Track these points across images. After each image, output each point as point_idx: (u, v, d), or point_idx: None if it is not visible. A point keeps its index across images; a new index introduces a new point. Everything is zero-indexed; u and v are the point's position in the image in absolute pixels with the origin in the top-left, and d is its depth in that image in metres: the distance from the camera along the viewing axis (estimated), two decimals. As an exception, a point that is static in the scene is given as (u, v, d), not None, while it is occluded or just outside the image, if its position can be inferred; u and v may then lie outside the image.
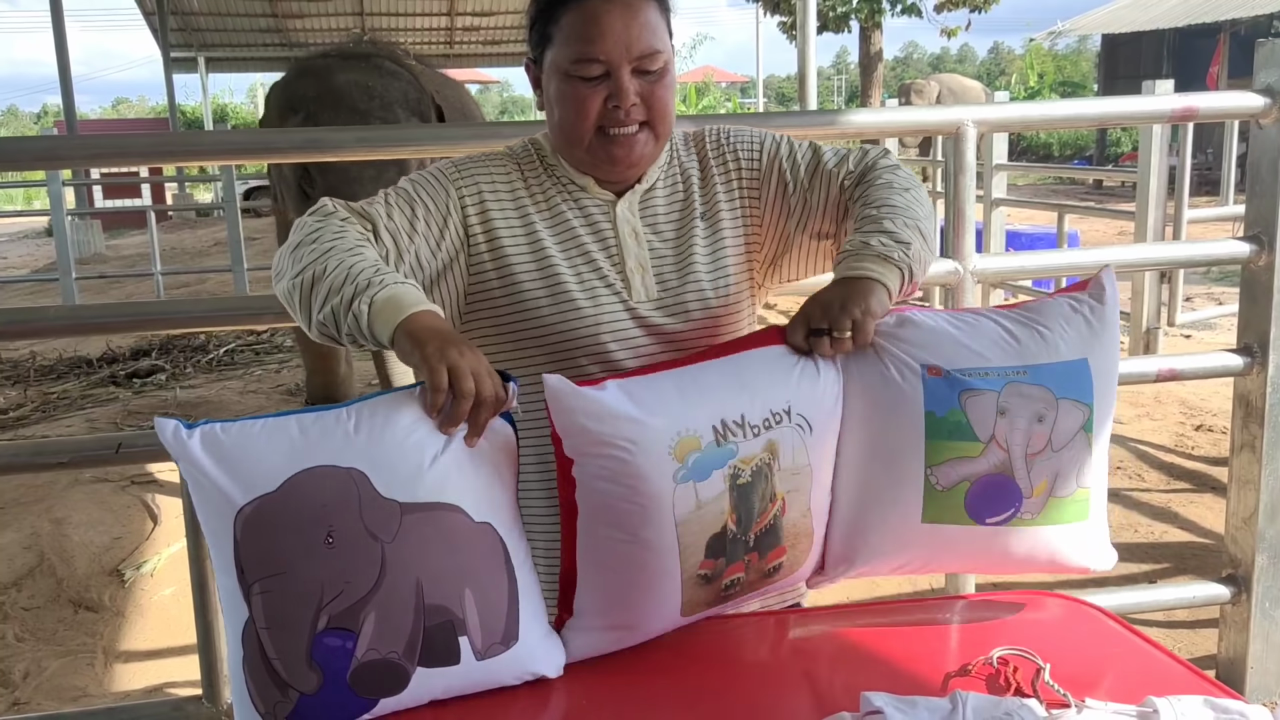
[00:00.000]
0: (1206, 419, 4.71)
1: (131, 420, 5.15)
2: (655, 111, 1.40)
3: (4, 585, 3.29)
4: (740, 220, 1.53)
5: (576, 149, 1.43)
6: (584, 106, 1.38)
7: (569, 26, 1.37)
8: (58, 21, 11.41)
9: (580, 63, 1.37)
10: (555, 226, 1.46)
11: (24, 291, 10.51)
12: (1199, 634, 2.97)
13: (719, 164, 1.54)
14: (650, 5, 1.39)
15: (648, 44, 1.37)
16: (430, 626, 1.16)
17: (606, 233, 1.47)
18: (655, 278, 1.47)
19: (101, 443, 1.98)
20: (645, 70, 1.38)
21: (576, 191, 1.48)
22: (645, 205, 1.50)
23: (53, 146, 1.92)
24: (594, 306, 1.43)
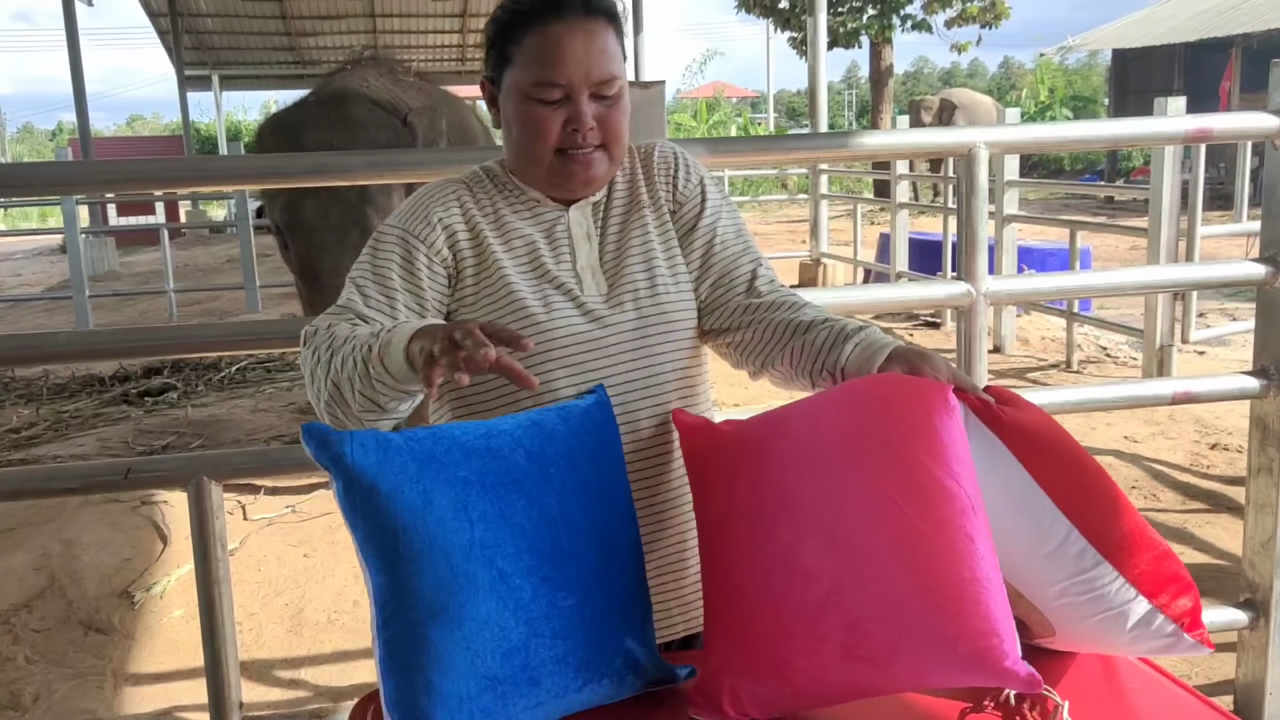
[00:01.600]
0: (1222, 437, 4.66)
1: (143, 439, 5.16)
2: (610, 134, 1.44)
3: (15, 607, 3.29)
4: (674, 223, 1.57)
5: (536, 169, 1.46)
6: (543, 129, 1.41)
7: (530, 49, 1.40)
8: (73, 40, 11.50)
9: (540, 86, 1.40)
10: (507, 240, 1.49)
11: (38, 309, 10.56)
12: (1217, 659, 2.93)
13: (663, 165, 1.58)
14: (608, 31, 1.43)
15: (606, 70, 1.41)
16: None
17: (560, 235, 1.51)
18: (605, 274, 1.50)
19: (111, 468, 1.98)
20: (602, 95, 1.42)
21: (530, 202, 1.52)
22: (596, 213, 1.54)
23: (65, 172, 1.92)
24: (548, 312, 1.45)
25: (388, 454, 1.19)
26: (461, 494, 1.19)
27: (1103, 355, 6.52)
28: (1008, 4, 18.20)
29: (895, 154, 2.60)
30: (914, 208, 8.71)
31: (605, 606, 1.27)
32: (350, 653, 3.12)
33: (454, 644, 1.15)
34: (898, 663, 1.16)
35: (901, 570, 1.16)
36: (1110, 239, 11.95)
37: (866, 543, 1.18)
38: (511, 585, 1.19)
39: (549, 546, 1.23)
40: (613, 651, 1.27)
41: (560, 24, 1.39)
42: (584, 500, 1.27)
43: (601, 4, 1.43)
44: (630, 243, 1.52)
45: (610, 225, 1.54)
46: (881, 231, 9.26)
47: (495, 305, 1.45)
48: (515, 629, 1.19)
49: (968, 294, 2.25)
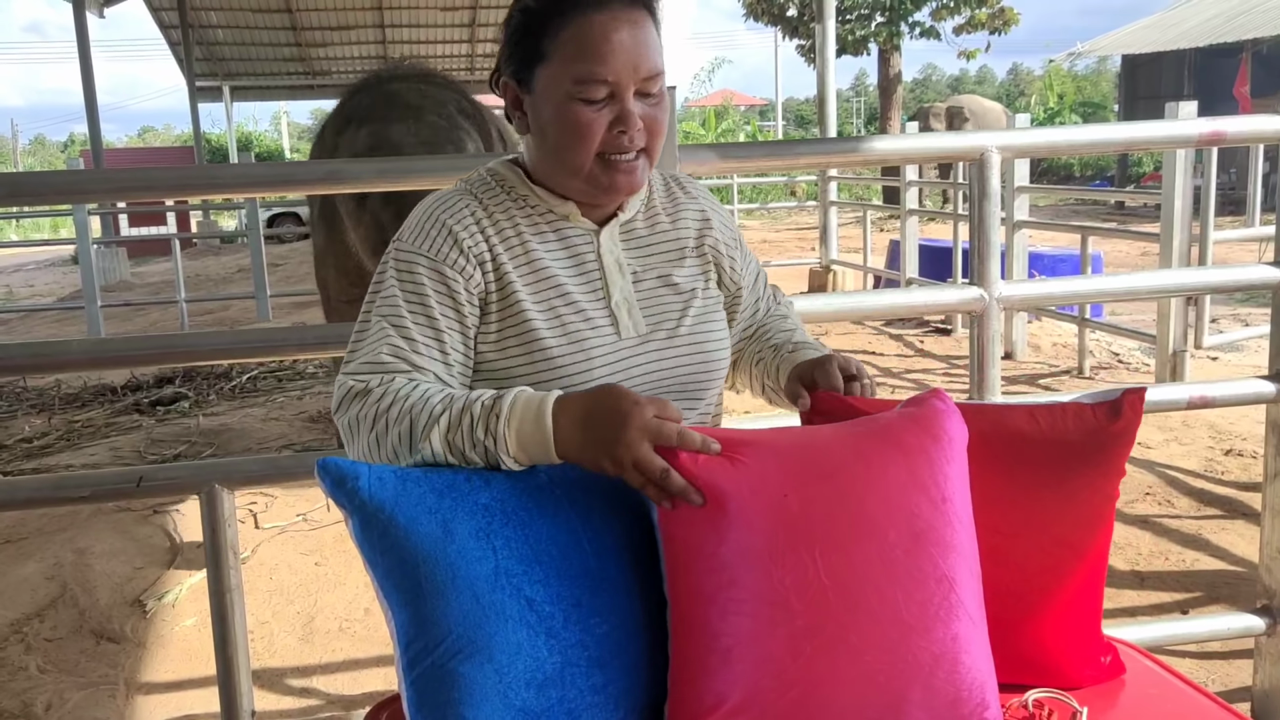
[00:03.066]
0: (1236, 443, 4.63)
1: (154, 448, 5.17)
2: (654, 136, 1.32)
3: (27, 616, 3.30)
4: (723, 272, 1.51)
5: (574, 178, 1.32)
6: (588, 131, 1.27)
7: (571, 43, 1.26)
8: (84, 52, 11.56)
9: (584, 83, 1.26)
10: (533, 270, 1.35)
11: (50, 319, 10.61)
12: (1233, 665, 2.91)
13: (713, 208, 1.51)
14: (650, 22, 1.30)
15: (653, 64, 1.28)
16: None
17: (590, 265, 1.37)
18: (643, 311, 1.39)
19: (122, 476, 1.97)
20: (648, 93, 1.29)
21: (557, 221, 1.38)
22: (626, 235, 1.42)
23: (75, 180, 1.93)
24: (579, 351, 1.33)
25: (405, 486, 1.14)
26: (483, 522, 1.14)
27: (1115, 361, 6.49)
28: (1016, 11, 18.21)
29: (907, 159, 2.59)
30: (924, 214, 8.69)
31: (642, 631, 1.20)
32: (362, 661, 3.12)
33: (485, 678, 1.10)
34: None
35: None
36: (1121, 245, 11.92)
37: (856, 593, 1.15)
38: (542, 613, 1.13)
39: (578, 571, 1.17)
40: (654, 679, 1.20)
41: (604, 13, 1.25)
42: (611, 521, 1.21)
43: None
44: (666, 277, 1.42)
45: (643, 252, 1.42)
46: (891, 238, 9.24)
47: (521, 351, 1.32)
48: (549, 659, 1.13)
49: (980, 299, 2.23)
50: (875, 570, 1.12)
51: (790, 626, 1.10)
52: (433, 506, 1.13)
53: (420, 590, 1.12)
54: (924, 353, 7.07)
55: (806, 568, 1.11)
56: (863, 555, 1.12)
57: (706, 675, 1.11)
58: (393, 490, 1.13)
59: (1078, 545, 1.35)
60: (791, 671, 1.09)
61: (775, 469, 1.14)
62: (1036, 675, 1.33)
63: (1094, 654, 1.37)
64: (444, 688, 1.10)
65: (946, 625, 1.13)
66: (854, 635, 1.11)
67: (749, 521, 1.12)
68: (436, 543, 1.12)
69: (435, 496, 1.14)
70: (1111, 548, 3.73)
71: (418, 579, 1.12)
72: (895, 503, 1.15)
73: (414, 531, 1.12)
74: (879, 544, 1.13)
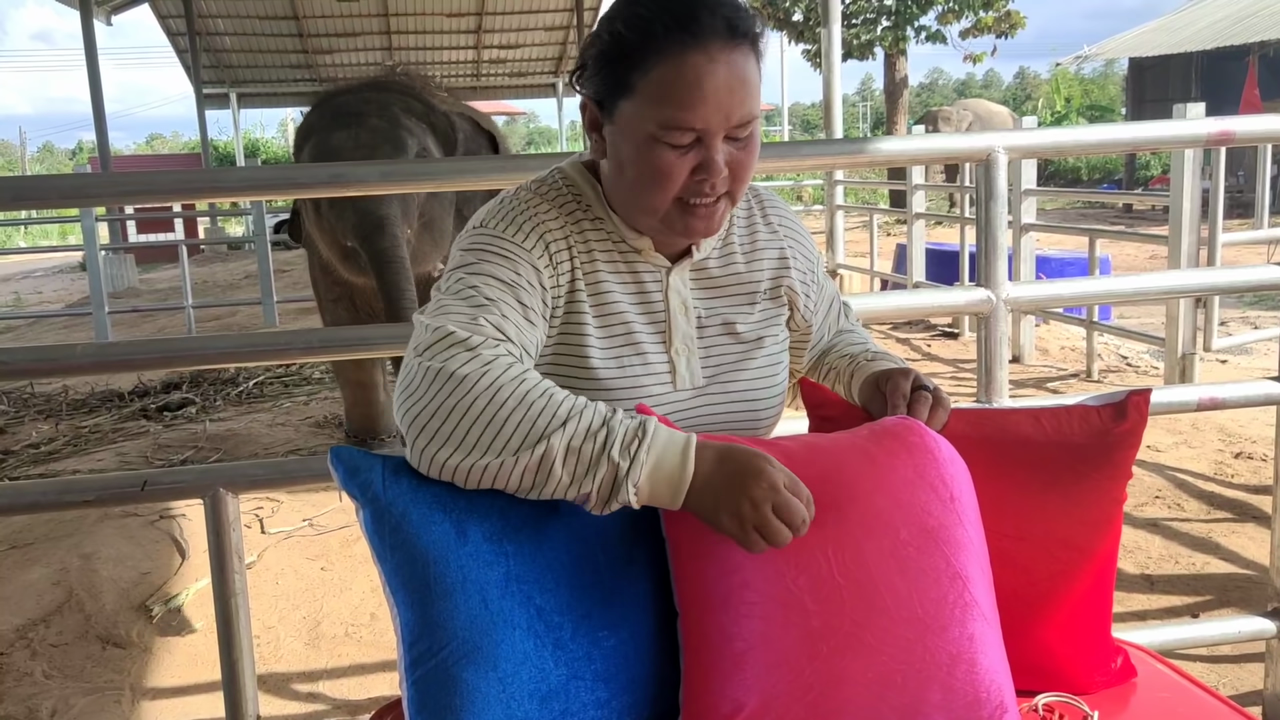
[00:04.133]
0: (1246, 446, 4.61)
1: (161, 454, 5.17)
2: (739, 180, 1.24)
3: (32, 621, 3.29)
4: (797, 311, 1.45)
5: (650, 215, 1.25)
6: (669, 176, 1.20)
7: (660, 82, 1.17)
8: (92, 60, 11.61)
9: (671, 130, 1.17)
10: (600, 301, 1.29)
11: (58, 326, 10.64)
12: (1244, 669, 2.89)
13: (793, 244, 1.44)
14: (750, 59, 1.20)
15: (749, 110, 1.19)
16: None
17: (657, 305, 1.32)
18: (702, 360, 1.34)
19: (127, 480, 1.97)
20: (737, 137, 1.21)
21: (629, 253, 1.31)
22: (698, 275, 1.35)
23: (81, 184, 1.92)
24: (629, 396, 1.28)
25: (421, 482, 1.11)
26: (498, 526, 1.12)
27: (1123, 364, 6.47)
28: (1022, 14, 18.19)
29: (914, 160, 2.58)
30: (931, 217, 8.67)
31: (650, 645, 1.17)
32: (367, 666, 3.11)
33: (488, 686, 1.08)
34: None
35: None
36: (1129, 248, 11.90)
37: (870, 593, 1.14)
38: (550, 623, 1.11)
39: (590, 582, 1.15)
40: (660, 696, 1.18)
41: (700, 54, 1.15)
42: (626, 534, 1.19)
43: (746, 25, 1.19)
44: (732, 324, 1.36)
45: (712, 294, 1.36)
46: (898, 242, 9.22)
47: (574, 375, 1.27)
48: (554, 670, 1.11)
49: (987, 300, 2.22)
50: (889, 568, 1.11)
51: (805, 627, 1.08)
52: (448, 506, 1.11)
53: (429, 590, 1.09)
54: (931, 356, 7.05)
55: (820, 566, 1.09)
56: (875, 552, 1.11)
57: (721, 681, 1.09)
58: (408, 486, 1.11)
59: (1085, 548, 1.33)
60: (808, 673, 1.08)
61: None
62: (1046, 680, 1.32)
63: (1104, 658, 1.36)
64: (446, 692, 1.08)
65: (962, 625, 1.11)
66: (870, 634, 1.09)
67: None
68: (449, 544, 1.10)
69: (451, 496, 1.11)
70: (1121, 551, 3.71)
71: (427, 579, 1.10)
72: (905, 500, 1.14)
73: (427, 530, 1.10)
74: (891, 541, 1.12)
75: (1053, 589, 1.33)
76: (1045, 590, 1.33)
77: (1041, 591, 1.33)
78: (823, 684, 1.08)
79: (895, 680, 1.09)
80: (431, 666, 1.09)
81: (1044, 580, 1.33)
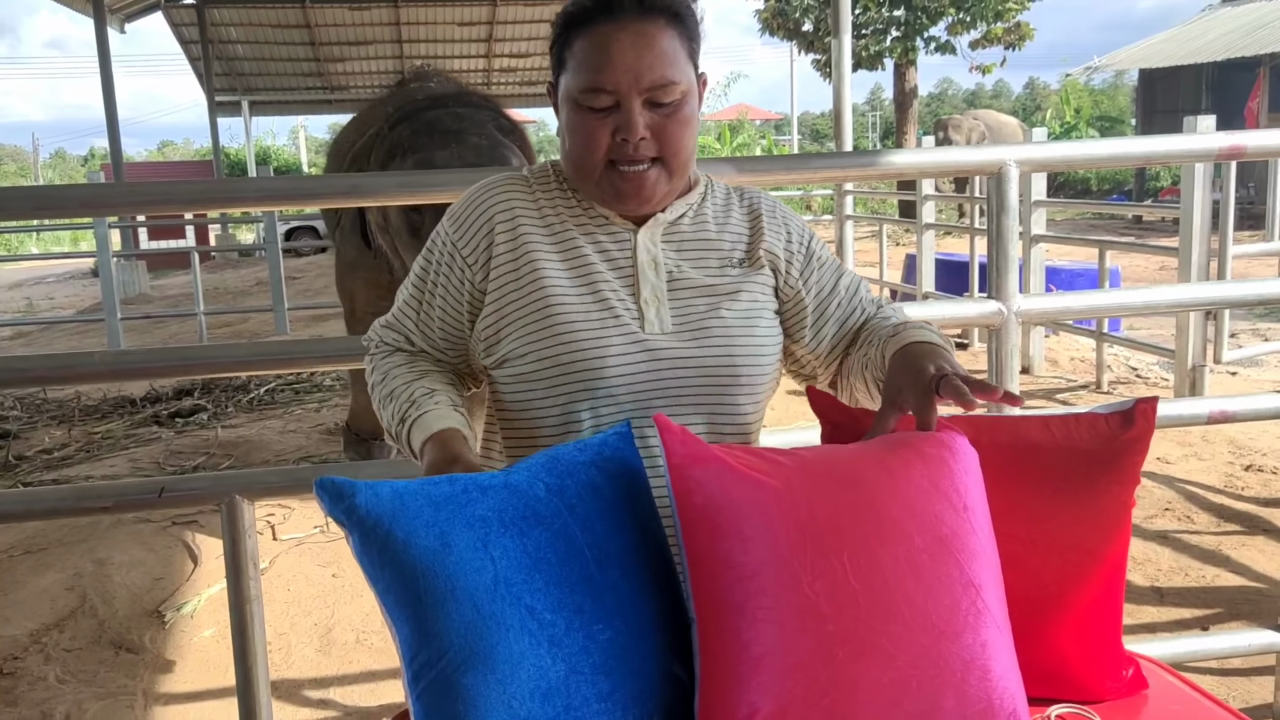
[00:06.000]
0: (1256, 459, 4.60)
1: (174, 460, 5.20)
2: (666, 146, 1.33)
3: (46, 626, 3.31)
4: (778, 280, 1.48)
5: (586, 182, 1.38)
6: (592, 138, 1.32)
7: (580, 53, 1.32)
8: (105, 67, 11.67)
9: (588, 92, 1.31)
10: (566, 255, 1.40)
11: (70, 332, 10.69)
12: (1254, 682, 2.89)
13: (770, 219, 1.49)
14: (667, 32, 1.32)
15: (660, 74, 1.30)
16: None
17: (626, 260, 1.40)
18: (672, 308, 1.39)
19: (144, 487, 1.99)
20: (658, 102, 1.32)
21: (598, 217, 1.43)
22: (669, 236, 1.43)
23: (99, 194, 1.95)
24: (596, 340, 1.35)
25: (402, 500, 1.14)
26: (480, 533, 1.14)
27: (1133, 376, 6.46)
28: (1031, 26, 18.19)
29: (925, 173, 2.59)
30: (940, 228, 8.67)
31: (647, 636, 1.19)
32: (379, 673, 3.12)
33: (489, 689, 1.09)
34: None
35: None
36: (1139, 260, 11.87)
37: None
38: (543, 621, 1.13)
39: (579, 578, 1.16)
40: (661, 682, 1.19)
41: (611, 24, 1.30)
42: (612, 527, 1.21)
43: (659, 1, 1.32)
44: (702, 281, 1.42)
45: (682, 253, 1.43)
46: (907, 253, 9.22)
47: (540, 329, 1.36)
48: (553, 667, 1.12)
49: (999, 313, 2.23)
50: (903, 574, 1.12)
51: (821, 632, 1.09)
52: (429, 519, 1.13)
53: (421, 603, 1.12)
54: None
55: (835, 572, 1.10)
56: (890, 560, 1.12)
57: (738, 686, 1.10)
58: (389, 504, 1.13)
59: (1095, 551, 1.34)
60: (824, 679, 1.09)
61: (800, 479, 1.14)
62: (1058, 688, 1.32)
63: (1115, 667, 1.36)
64: (449, 700, 1.10)
65: (975, 631, 1.12)
66: (886, 640, 1.10)
67: (775, 530, 1.11)
68: (434, 555, 1.12)
69: (432, 509, 1.14)
70: (1131, 563, 3.71)
71: (417, 592, 1.12)
72: (919, 509, 1.15)
73: (412, 544, 1.12)
74: (906, 548, 1.13)
75: (1063, 591, 1.34)
76: (1056, 593, 1.34)
77: (1052, 594, 1.33)
78: (839, 689, 1.09)
79: (910, 686, 1.10)
80: (432, 678, 1.11)
81: (1054, 583, 1.33)
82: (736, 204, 1.51)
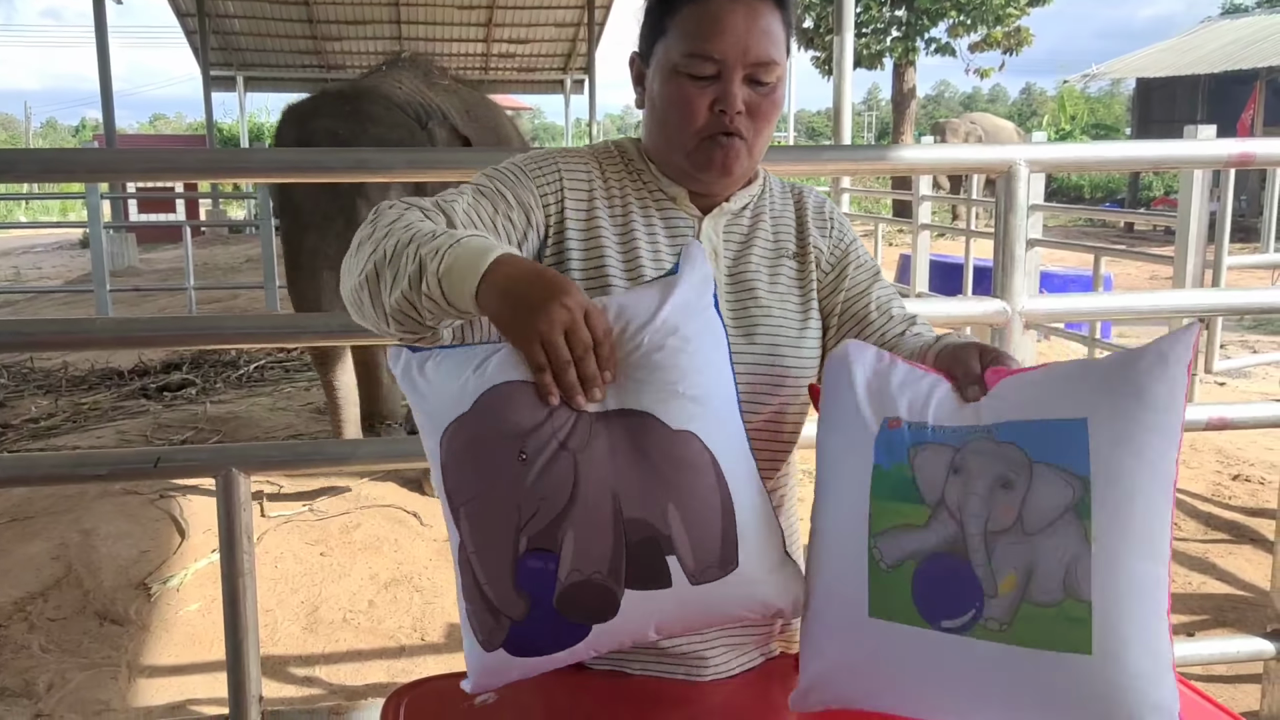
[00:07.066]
0: (1244, 469, 4.63)
1: (162, 433, 5.17)
2: (759, 127, 1.34)
3: (31, 595, 3.29)
4: (819, 273, 1.48)
5: (676, 152, 1.35)
6: (691, 107, 1.31)
7: (688, 20, 1.30)
8: (101, 37, 11.57)
9: (693, 58, 1.29)
10: (624, 236, 1.38)
11: (58, 302, 10.61)
12: (1239, 689, 2.90)
13: (817, 215, 1.49)
14: (775, 15, 1.32)
15: (766, 51, 1.30)
16: (633, 543, 1.10)
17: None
18: (725, 303, 1.37)
19: (141, 456, 1.97)
20: (758, 80, 1.31)
21: (664, 202, 1.41)
22: (731, 228, 1.43)
23: (107, 159, 1.93)
24: None
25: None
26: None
27: (1123, 382, 6.49)
28: (1030, 31, 18.24)
29: (936, 169, 2.59)
30: (936, 229, 8.69)
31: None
32: (365, 652, 3.11)
33: None
34: None
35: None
36: (1130, 267, 11.93)
37: None
38: None
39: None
40: None
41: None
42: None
43: None
44: (757, 276, 1.42)
45: (741, 247, 1.43)
46: (902, 253, 9.23)
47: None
48: None
49: (1003, 312, 2.23)
50: None
51: None
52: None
53: None
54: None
55: None
56: None
57: None
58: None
59: None
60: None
61: None
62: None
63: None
64: None
65: None
66: None
67: None
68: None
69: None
70: (1121, 567, 3.71)
71: None
72: None
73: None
74: None
75: None
76: None
77: None
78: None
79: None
80: None
81: None
82: (792, 199, 1.51)
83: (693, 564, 1.11)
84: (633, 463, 1.10)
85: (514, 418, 1.09)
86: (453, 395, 1.12)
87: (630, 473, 1.10)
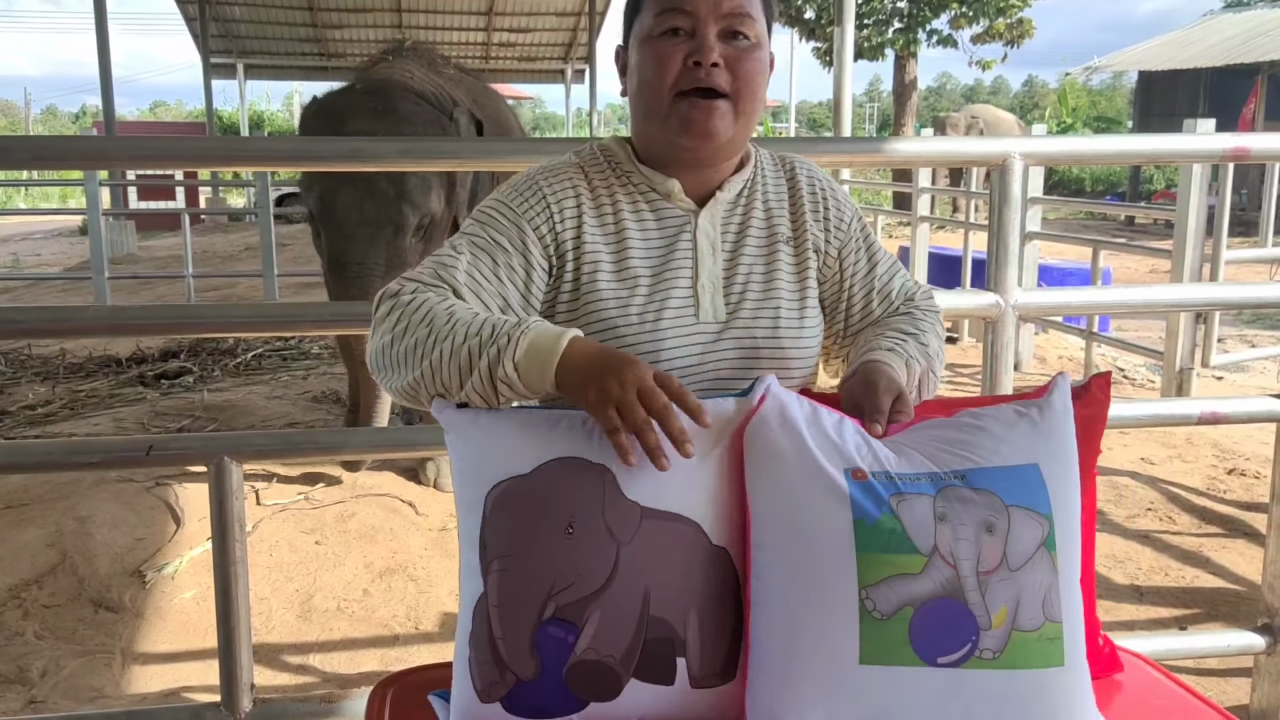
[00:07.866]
0: (1239, 462, 4.63)
1: (158, 421, 5.17)
2: (740, 82, 1.29)
3: (25, 582, 3.30)
4: (818, 260, 1.47)
5: (655, 121, 1.32)
6: (663, 63, 1.28)
7: None
8: (101, 24, 11.54)
9: (665, 14, 1.28)
10: (620, 244, 1.36)
11: (56, 289, 10.61)
12: (1230, 683, 2.91)
13: (811, 198, 1.47)
14: None
15: (739, 3, 1.28)
16: (651, 639, 1.15)
17: (684, 245, 1.38)
18: (725, 297, 1.38)
19: (133, 444, 1.97)
20: (734, 31, 1.29)
21: (658, 200, 1.39)
22: (727, 219, 1.41)
23: (100, 147, 1.92)
24: (652, 336, 1.33)
25: None
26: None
27: (1121, 377, 6.49)
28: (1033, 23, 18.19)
29: (929, 161, 2.59)
30: (935, 221, 8.68)
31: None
32: (359, 641, 3.12)
33: None
34: None
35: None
36: (1130, 261, 11.92)
37: None
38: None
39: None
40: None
41: None
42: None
43: None
44: (755, 264, 1.41)
45: (737, 236, 1.41)
46: (901, 245, 9.22)
47: (595, 324, 1.33)
48: None
49: (996, 305, 2.23)
50: None
51: None
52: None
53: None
54: (929, 360, 7.06)
55: None
56: None
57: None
58: None
59: None
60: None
61: None
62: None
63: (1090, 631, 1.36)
64: None
65: None
66: None
67: None
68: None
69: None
70: (1111, 561, 3.73)
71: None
72: None
73: None
74: None
75: None
76: None
77: None
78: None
79: None
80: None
81: None
82: (786, 178, 1.48)
83: (698, 669, 1.17)
84: (671, 565, 1.16)
85: (574, 494, 1.14)
86: (509, 453, 1.16)
87: (666, 575, 1.15)
